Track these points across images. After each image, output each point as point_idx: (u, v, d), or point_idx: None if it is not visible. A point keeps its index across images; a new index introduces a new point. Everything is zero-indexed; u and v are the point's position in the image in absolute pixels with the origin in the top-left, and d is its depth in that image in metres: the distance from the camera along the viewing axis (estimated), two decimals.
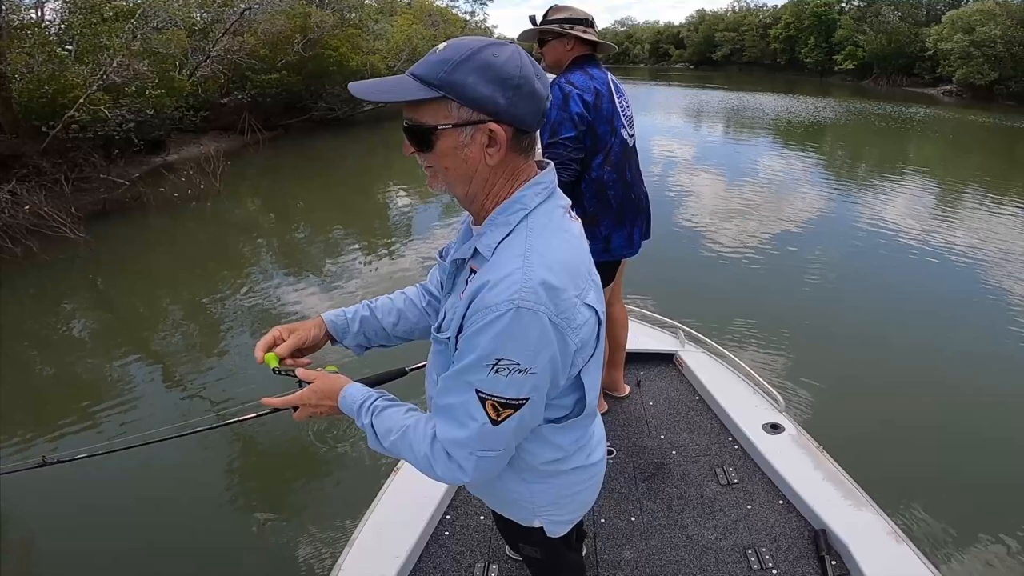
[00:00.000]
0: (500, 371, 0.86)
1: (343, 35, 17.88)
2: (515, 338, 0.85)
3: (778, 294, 5.86)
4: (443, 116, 0.88)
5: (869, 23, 40.24)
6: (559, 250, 0.92)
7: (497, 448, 0.94)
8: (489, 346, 0.86)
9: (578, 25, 2.16)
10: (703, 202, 9.30)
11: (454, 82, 0.85)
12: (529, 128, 0.93)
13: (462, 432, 0.92)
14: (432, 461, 0.96)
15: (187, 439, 3.74)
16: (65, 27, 11.02)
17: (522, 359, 0.86)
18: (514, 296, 0.85)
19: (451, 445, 0.93)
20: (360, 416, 1.05)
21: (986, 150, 16.55)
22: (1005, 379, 4.30)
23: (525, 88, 0.88)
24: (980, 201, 9.75)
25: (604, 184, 2.16)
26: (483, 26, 46.10)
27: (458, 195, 0.98)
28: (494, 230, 0.94)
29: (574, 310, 0.90)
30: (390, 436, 1.00)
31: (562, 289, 0.88)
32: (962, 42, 28.69)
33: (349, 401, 1.07)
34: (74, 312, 6.21)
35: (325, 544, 2.90)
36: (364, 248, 7.61)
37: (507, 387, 0.88)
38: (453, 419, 0.93)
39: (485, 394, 0.89)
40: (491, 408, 0.89)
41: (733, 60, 62.08)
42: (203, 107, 13.15)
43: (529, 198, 0.94)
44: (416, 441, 0.97)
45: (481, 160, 0.91)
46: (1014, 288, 5.95)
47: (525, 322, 0.85)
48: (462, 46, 0.87)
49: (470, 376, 0.89)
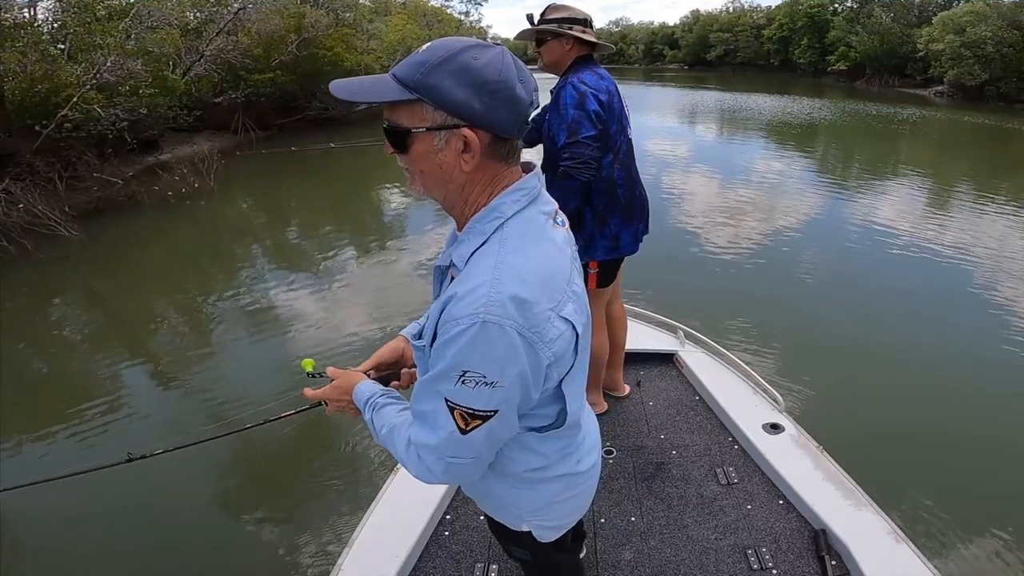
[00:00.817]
0: (467, 382, 0.86)
1: (337, 35, 17.90)
2: (479, 352, 0.84)
3: (778, 294, 5.88)
4: (418, 119, 0.86)
5: (862, 24, 40.49)
6: (534, 261, 0.89)
7: (468, 456, 0.94)
8: (454, 358, 0.85)
9: (577, 25, 2.15)
10: (701, 201, 9.34)
11: (429, 85, 0.83)
12: (507, 135, 0.89)
13: (432, 438, 0.93)
14: (406, 461, 0.98)
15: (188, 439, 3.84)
16: (58, 26, 10.98)
17: (488, 372, 0.85)
18: (479, 310, 0.83)
19: (422, 449, 0.95)
20: (364, 411, 1.10)
21: (977, 150, 16.67)
22: (1006, 379, 4.30)
23: (504, 93, 0.84)
24: (980, 201, 9.80)
25: (614, 183, 2.18)
26: (478, 26, 46.10)
27: (436, 199, 0.96)
28: (470, 239, 0.92)
29: (547, 324, 0.88)
30: (382, 431, 1.04)
31: (534, 303, 0.85)
32: (953, 43, 28.82)
33: (359, 396, 1.12)
34: (69, 310, 6.20)
35: (325, 544, 2.90)
36: (358, 247, 7.62)
37: (474, 398, 0.87)
38: (425, 424, 0.94)
39: (453, 403, 0.88)
40: (459, 417, 0.89)
41: (727, 60, 62.29)
42: (197, 106, 13.10)
43: (506, 206, 0.91)
44: (397, 440, 1.00)
45: (456, 166, 0.88)
46: (1014, 287, 5.98)
47: (491, 336, 0.83)
48: (443, 47, 0.84)
49: (439, 385, 0.89)
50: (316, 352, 4.74)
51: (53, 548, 3.03)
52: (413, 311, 5.29)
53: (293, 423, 3.96)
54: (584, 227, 2.22)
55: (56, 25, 11.08)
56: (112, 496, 3.31)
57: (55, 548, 3.03)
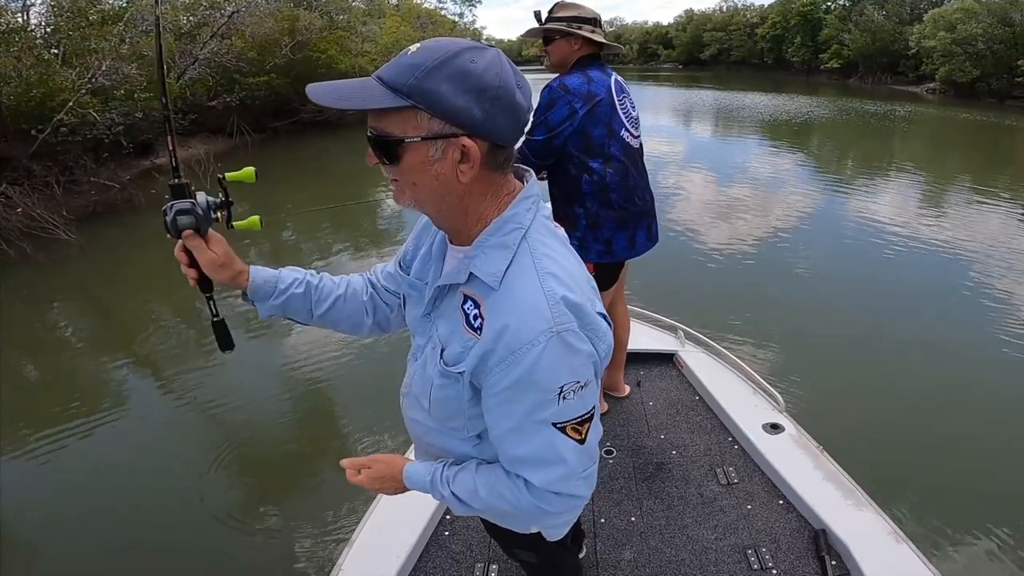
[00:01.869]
0: (567, 397, 0.84)
1: (331, 37, 17.94)
2: (565, 363, 0.83)
3: (778, 294, 5.87)
4: (411, 128, 0.78)
5: (854, 22, 40.69)
6: (567, 266, 0.88)
7: (592, 459, 0.93)
8: (546, 380, 0.82)
9: (586, 25, 2.11)
10: (699, 201, 9.36)
11: (425, 90, 0.76)
12: (507, 143, 0.85)
13: (561, 467, 0.88)
14: (542, 505, 0.92)
15: (187, 439, 3.80)
16: (51, 31, 10.96)
17: (579, 376, 0.85)
18: (549, 324, 0.81)
19: (557, 484, 0.90)
20: (438, 490, 1.02)
21: (970, 148, 16.74)
22: (1006, 379, 4.30)
23: (504, 99, 0.79)
24: (979, 196, 9.84)
25: (607, 187, 2.13)
26: (472, 27, 46.17)
27: (428, 213, 0.91)
28: (491, 253, 0.86)
29: (596, 321, 0.88)
30: (479, 495, 0.96)
31: (582, 304, 0.85)
32: (944, 40, 28.93)
33: (418, 480, 1.05)
34: (68, 313, 6.22)
35: (325, 544, 2.91)
36: (353, 248, 7.66)
37: (577, 407, 0.86)
38: (543, 463, 0.89)
39: (563, 424, 0.86)
40: (573, 431, 0.87)
41: (721, 60, 62.58)
42: (192, 110, 13.10)
43: (522, 215, 0.88)
44: (511, 495, 0.93)
45: (453, 177, 0.82)
46: (1013, 283, 6.00)
47: (569, 343, 0.83)
48: (437, 49, 0.77)
49: (539, 415, 0.85)
50: (312, 352, 4.76)
51: (54, 548, 3.03)
52: None
53: (293, 423, 4.03)
54: (577, 228, 2.20)
55: (49, 30, 11.06)
56: (111, 496, 3.32)
57: (56, 548, 3.02)
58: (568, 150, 2.10)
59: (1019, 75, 25.26)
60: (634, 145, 2.21)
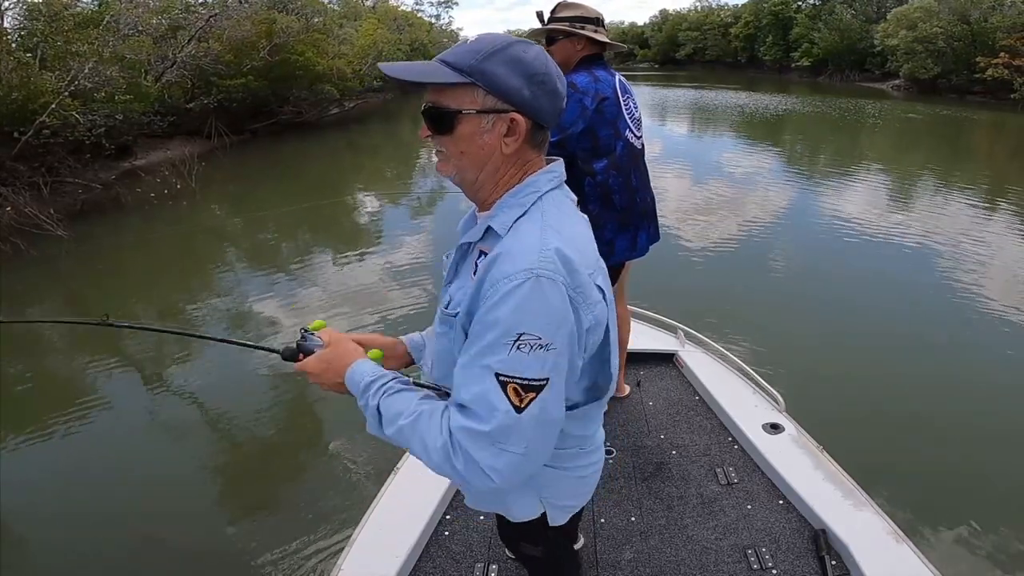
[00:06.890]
0: (521, 347, 0.83)
1: (308, 40, 18.07)
2: (535, 309, 0.83)
3: (778, 294, 5.88)
4: (468, 101, 0.90)
5: (823, 21, 41.54)
6: (574, 230, 0.95)
7: (520, 446, 0.86)
8: (509, 319, 0.83)
9: (589, 25, 2.11)
10: (697, 200, 9.41)
11: (484, 70, 0.88)
12: (546, 123, 0.96)
13: (484, 423, 0.85)
14: (441, 459, 0.88)
15: (188, 438, 3.91)
16: (26, 34, 11.06)
17: (543, 332, 0.83)
18: (533, 264, 0.84)
19: (472, 439, 0.86)
20: (366, 395, 0.97)
21: (933, 141, 17.14)
22: (1007, 378, 4.28)
23: (548, 85, 0.92)
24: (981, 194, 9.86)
25: (609, 188, 2.13)
26: (449, 29, 46.35)
27: (467, 180, 0.98)
28: (507, 211, 0.94)
29: (589, 286, 0.90)
30: (398, 421, 0.93)
31: (577, 262, 0.88)
32: (906, 38, 29.61)
33: (358, 377, 1.00)
34: (59, 307, 6.39)
35: (325, 544, 2.91)
36: (334, 249, 7.81)
37: (528, 365, 0.83)
38: (472, 412, 0.86)
39: (506, 376, 0.84)
40: (513, 393, 0.84)
41: (696, 59, 63.35)
42: (170, 112, 13.27)
43: (542, 183, 0.96)
44: (427, 432, 0.90)
45: (497, 148, 0.93)
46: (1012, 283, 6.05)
47: (545, 291, 0.83)
48: (494, 39, 0.91)
49: (489, 358, 0.84)
50: (310, 310, 4.92)
51: (52, 549, 3.04)
52: (388, 310, 5.48)
53: (293, 423, 4.05)
54: None
55: (24, 33, 11.17)
56: (111, 495, 3.35)
57: (54, 549, 3.03)
58: (574, 151, 2.10)
59: (977, 72, 26.16)
60: (637, 146, 2.23)
